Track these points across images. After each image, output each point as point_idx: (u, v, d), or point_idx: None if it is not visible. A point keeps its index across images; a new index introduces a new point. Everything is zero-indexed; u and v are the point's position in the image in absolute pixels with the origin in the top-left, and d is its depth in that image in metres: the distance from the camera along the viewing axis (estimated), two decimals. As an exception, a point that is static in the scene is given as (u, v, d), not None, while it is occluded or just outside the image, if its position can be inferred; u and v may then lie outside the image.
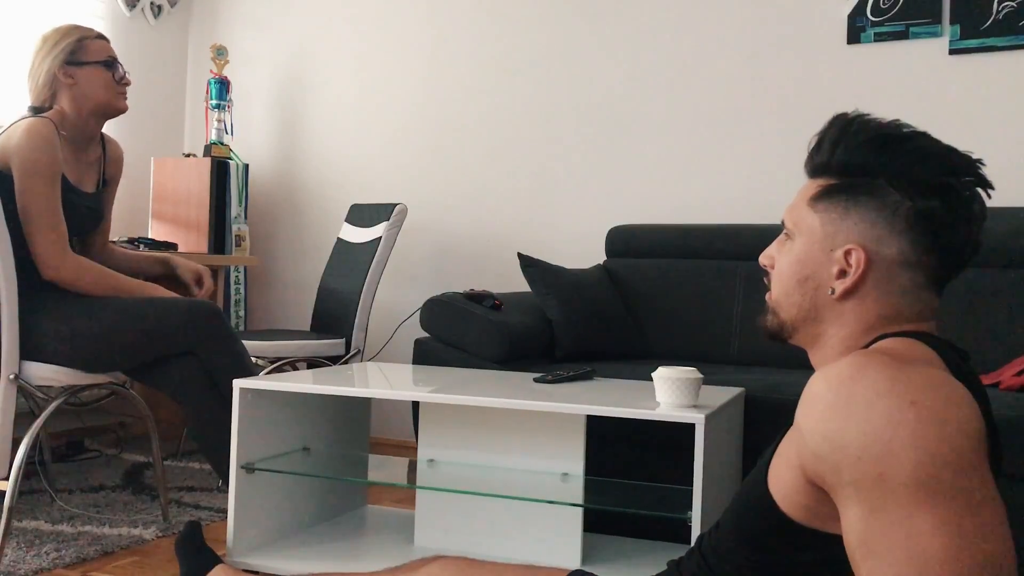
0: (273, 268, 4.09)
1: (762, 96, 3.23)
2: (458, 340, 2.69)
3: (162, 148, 4.08)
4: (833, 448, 0.87)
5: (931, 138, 1.06)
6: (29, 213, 2.19)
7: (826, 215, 1.07)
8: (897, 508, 0.82)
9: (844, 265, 1.04)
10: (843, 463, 0.86)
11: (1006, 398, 2.09)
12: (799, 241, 1.09)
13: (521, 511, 2.02)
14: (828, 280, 1.06)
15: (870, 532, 0.84)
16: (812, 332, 1.09)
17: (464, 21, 3.74)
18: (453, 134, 3.74)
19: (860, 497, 0.85)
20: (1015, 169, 2.84)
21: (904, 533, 0.81)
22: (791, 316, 1.10)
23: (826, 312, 1.07)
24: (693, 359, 2.86)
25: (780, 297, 1.11)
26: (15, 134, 2.21)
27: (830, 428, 0.88)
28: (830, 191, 1.07)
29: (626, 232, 3.25)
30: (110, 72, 2.37)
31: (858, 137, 1.06)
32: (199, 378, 2.24)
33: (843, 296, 1.05)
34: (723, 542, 1.09)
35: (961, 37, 2.95)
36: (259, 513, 2.06)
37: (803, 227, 1.09)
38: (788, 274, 1.10)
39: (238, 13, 4.19)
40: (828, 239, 1.06)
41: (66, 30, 2.39)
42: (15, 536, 2.31)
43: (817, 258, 1.07)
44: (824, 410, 0.89)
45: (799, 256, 1.09)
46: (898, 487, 0.83)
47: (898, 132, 1.06)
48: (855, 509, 0.86)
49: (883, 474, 0.83)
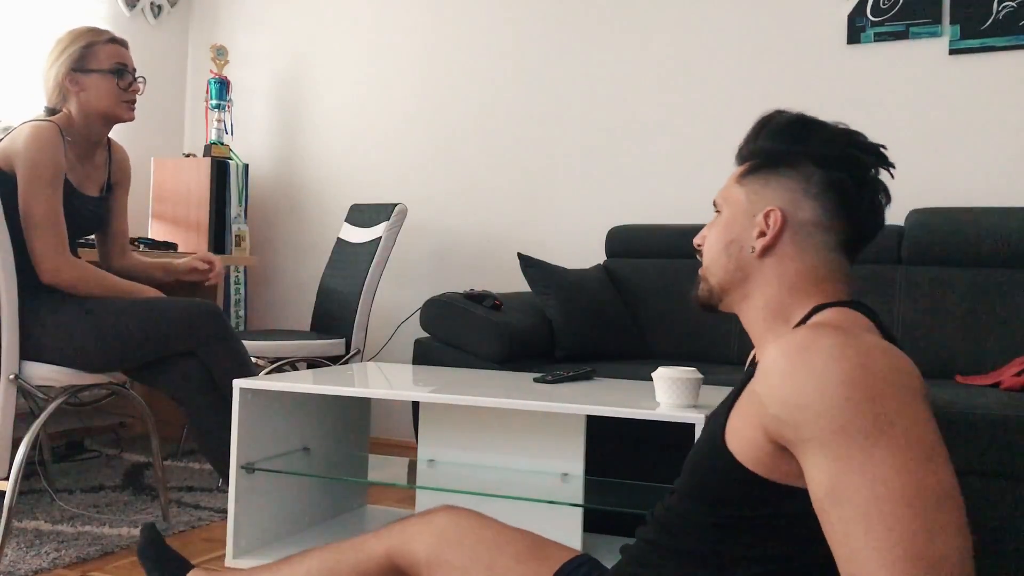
0: (273, 268, 4.09)
1: (762, 96, 3.23)
2: (458, 340, 2.69)
3: (162, 148, 4.09)
4: (792, 409, 0.94)
5: (841, 124, 1.20)
6: (30, 216, 2.19)
7: (750, 187, 1.20)
8: (859, 455, 0.89)
9: (763, 226, 1.16)
10: (803, 421, 0.93)
11: (1006, 398, 2.09)
12: (726, 212, 1.22)
13: (521, 511, 2.02)
14: (750, 241, 1.17)
15: (835, 481, 0.90)
16: (739, 293, 1.20)
17: (464, 21, 3.74)
18: (453, 134, 3.74)
19: (824, 451, 0.92)
20: (1015, 169, 2.84)
21: (868, 478, 0.88)
22: (719, 280, 1.21)
23: (750, 272, 1.18)
24: (693, 359, 2.86)
25: (710, 264, 1.23)
26: (21, 136, 2.21)
27: (788, 392, 0.94)
28: (754, 168, 1.21)
29: (626, 232, 3.25)
30: (117, 80, 2.33)
31: (779, 123, 1.22)
32: (199, 378, 2.24)
33: (763, 252, 1.16)
34: (681, 504, 1.12)
35: (961, 37, 2.95)
36: (259, 513, 2.06)
37: (730, 200, 1.22)
38: (716, 241, 1.22)
39: (238, 13, 4.19)
40: (751, 206, 1.19)
41: (77, 34, 2.35)
42: (15, 536, 2.31)
43: (741, 222, 1.19)
44: (782, 376, 0.96)
45: (725, 223, 1.21)
46: (858, 436, 0.90)
47: (811, 118, 1.21)
48: (819, 462, 0.92)
49: (844, 426, 0.90)
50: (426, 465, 2.15)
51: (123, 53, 2.38)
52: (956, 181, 2.92)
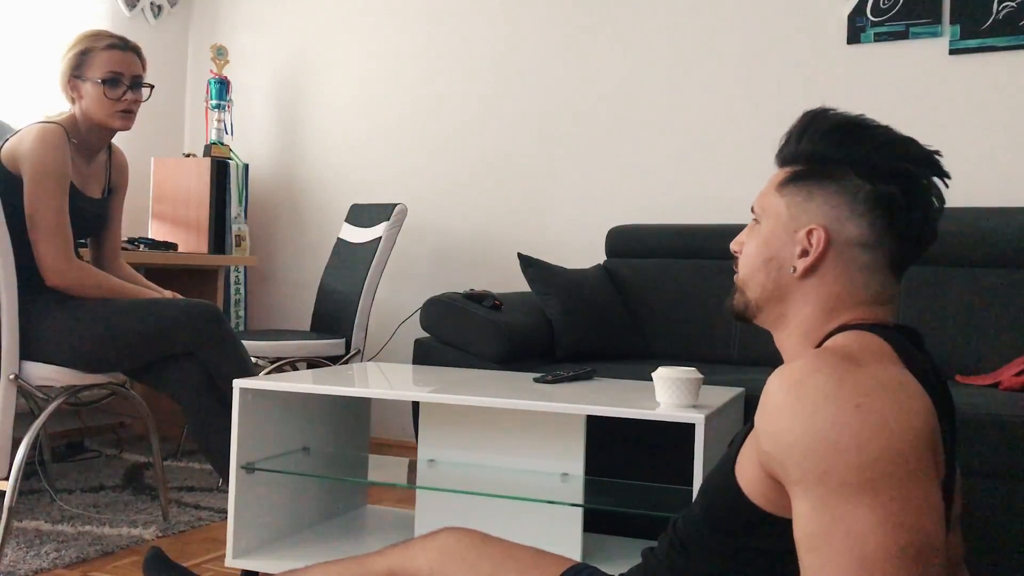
0: (273, 268, 4.09)
1: (762, 96, 3.23)
2: (458, 340, 2.69)
3: (162, 148, 4.08)
4: (781, 447, 0.91)
5: (892, 129, 1.11)
6: (36, 219, 2.19)
7: (791, 199, 1.12)
8: (838, 506, 0.86)
9: (806, 244, 1.09)
10: (789, 461, 0.91)
11: (1006, 398, 2.09)
12: (765, 224, 1.15)
13: (521, 511, 2.02)
14: (791, 259, 1.10)
15: (812, 527, 0.88)
16: (776, 312, 1.14)
17: (464, 21, 3.74)
18: (453, 134, 3.74)
19: (806, 494, 0.89)
20: (1015, 169, 2.84)
21: (844, 530, 0.85)
22: (756, 295, 1.15)
23: (789, 291, 1.12)
24: (693, 359, 2.85)
25: (746, 277, 1.17)
26: (27, 138, 2.21)
27: (778, 428, 0.92)
28: (796, 177, 1.13)
29: (626, 232, 3.24)
30: (105, 90, 2.28)
31: (822, 127, 1.12)
32: (199, 379, 2.25)
33: (804, 274, 1.09)
34: (695, 527, 1.11)
35: (961, 37, 2.95)
36: (259, 513, 2.06)
37: (770, 211, 1.14)
38: (754, 255, 1.15)
39: (238, 13, 4.19)
40: (792, 221, 1.11)
41: (79, 38, 2.34)
42: (15, 536, 2.31)
43: (781, 239, 1.12)
44: (773, 410, 0.93)
45: (765, 237, 1.14)
46: (840, 486, 0.86)
47: (861, 122, 1.12)
48: (801, 505, 0.90)
49: (826, 472, 0.87)
50: (426, 465, 2.15)
51: (121, 60, 2.32)
52: (956, 181, 2.90)
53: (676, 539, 1.14)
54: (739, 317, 1.20)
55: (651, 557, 1.19)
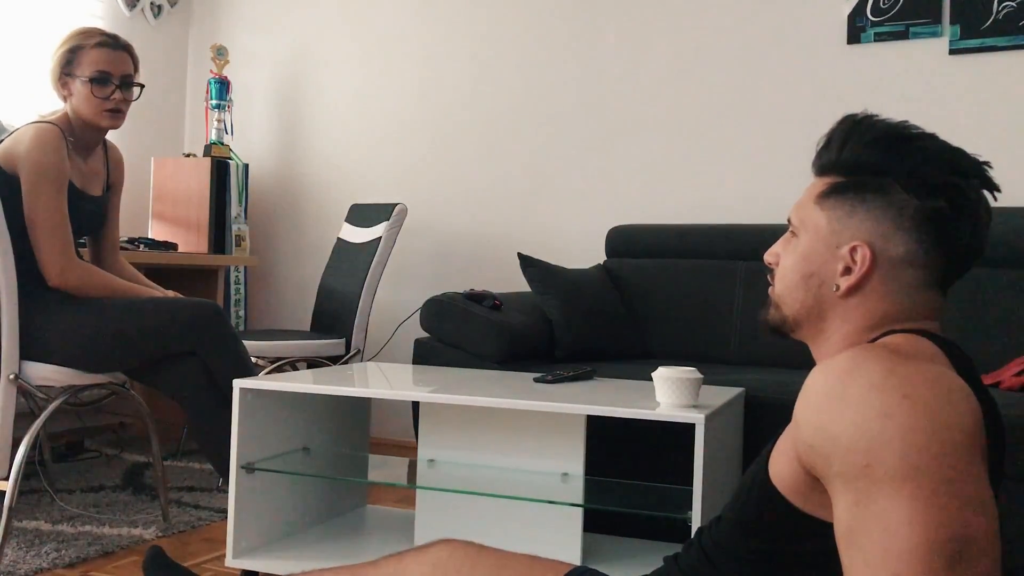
0: (273, 268, 4.09)
1: (762, 96, 3.23)
2: (458, 340, 2.69)
3: (162, 148, 4.08)
4: (825, 439, 0.88)
5: (939, 139, 1.06)
6: (35, 220, 2.19)
7: (832, 212, 1.06)
8: (880, 499, 0.83)
9: (849, 262, 1.04)
10: (833, 454, 0.87)
11: (1006, 398, 2.09)
12: (804, 238, 1.09)
13: (521, 511, 2.02)
14: (833, 277, 1.06)
15: (854, 523, 0.85)
16: (815, 328, 1.09)
17: (464, 21, 3.74)
18: (453, 134, 3.74)
19: (847, 488, 0.86)
20: (1015, 169, 2.84)
21: (883, 526, 0.82)
22: (794, 312, 1.10)
23: (829, 309, 1.07)
24: (693, 359, 2.85)
25: (783, 293, 1.11)
26: (24, 138, 2.21)
27: (823, 419, 0.89)
28: (837, 189, 1.07)
29: (626, 232, 3.24)
30: (92, 88, 2.26)
31: (866, 136, 1.06)
32: (199, 378, 2.24)
33: (847, 293, 1.05)
34: (724, 535, 1.09)
35: (961, 37, 2.95)
36: (259, 513, 2.06)
37: (809, 224, 1.09)
38: (792, 270, 1.10)
39: (238, 13, 4.19)
40: (834, 236, 1.06)
41: (70, 36, 2.32)
42: (15, 536, 2.31)
43: (822, 255, 1.07)
44: (819, 401, 0.90)
45: (804, 253, 1.09)
46: (882, 480, 0.83)
47: (907, 132, 1.06)
48: (842, 499, 0.87)
49: (869, 466, 0.84)
50: (426, 465, 2.15)
51: (111, 58, 2.29)
52: (956, 181, 2.92)
53: (702, 551, 1.11)
54: (775, 332, 1.15)
55: (675, 568, 1.16)
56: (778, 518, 1.00)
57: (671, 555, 1.20)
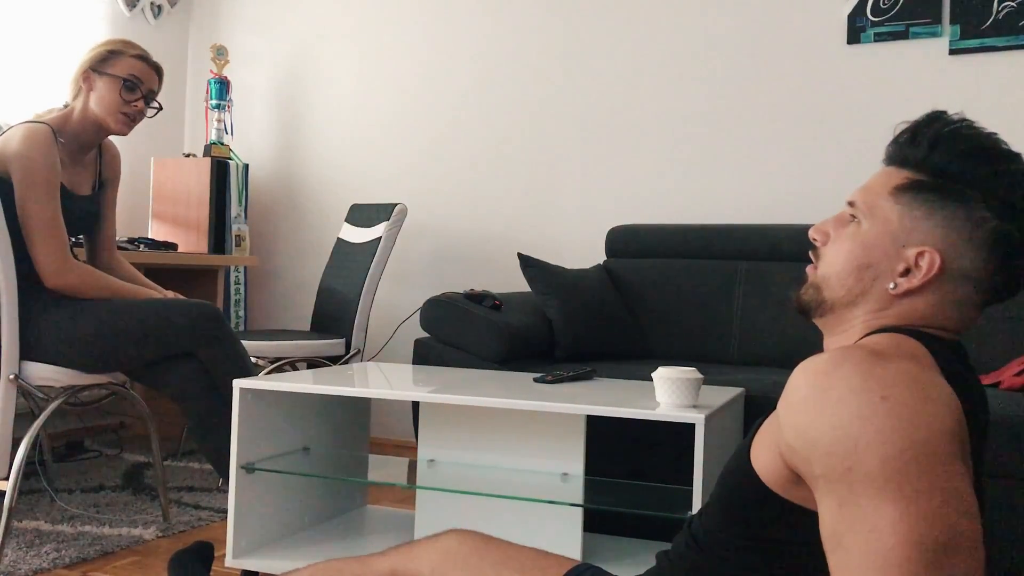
0: (273, 268, 4.09)
1: (762, 96, 3.23)
2: (458, 340, 2.69)
3: (162, 148, 4.08)
4: (805, 442, 0.89)
5: None
6: (29, 222, 2.18)
7: (907, 209, 1.04)
8: (863, 502, 0.84)
9: (912, 264, 1.02)
10: (813, 456, 0.89)
11: (1006, 398, 2.09)
12: (869, 227, 1.06)
13: (521, 511, 2.02)
14: (890, 274, 1.04)
15: (837, 524, 0.86)
16: (842, 316, 1.08)
17: (464, 21, 3.74)
18: (453, 134, 3.74)
19: (830, 490, 0.87)
20: (1015, 169, 2.84)
21: (867, 528, 0.83)
22: (836, 297, 1.08)
23: (870, 301, 1.05)
24: (693, 359, 2.86)
25: (830, 276, 1.08)
26: (14, 139, 2.20)
27: (802, 421, 0.90)
28: (919, 187, 1.04)
29: (626, 232, 3.24)
30: (122, 90, 2.31)
31: (961, 144, 1.05)
32: (199, 379, 2.24)
33: (903, 294, 1.04)
34: (711, 522, 1.10)
35: (961, 37, 2.95)
36: (259, 513, 2.06)
37: (878, 214, 1.06)
38: (848, 257, 1.06)
39: (238, 13, 4.19)
40: (904, 233, 1.04)
41: (113, 40, 2.39)
42: (15, 536, 2.31)
43: (886, 250, 1.04)
44: (798, 403, 0.91)
45: (866, 242, 1.06)
46: (864, 481, 0.84)
47: (1000, 149, 1.05)
48: (826, 501, 0.88)
49: (850, 468, 0.85)
50: (426, 465, 2.15)
51: (144, 70, 2.36)
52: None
53: (692, 537, 1.13)
54: (803, 310, 1.12)
55: (665, 559, 1.18)
56: (761, 505, 1.01)
57: (662, 552, 1.21)
